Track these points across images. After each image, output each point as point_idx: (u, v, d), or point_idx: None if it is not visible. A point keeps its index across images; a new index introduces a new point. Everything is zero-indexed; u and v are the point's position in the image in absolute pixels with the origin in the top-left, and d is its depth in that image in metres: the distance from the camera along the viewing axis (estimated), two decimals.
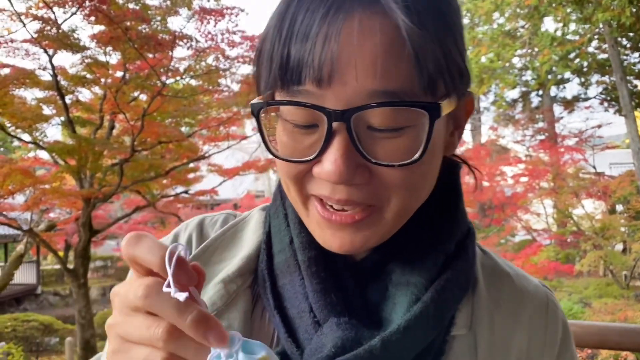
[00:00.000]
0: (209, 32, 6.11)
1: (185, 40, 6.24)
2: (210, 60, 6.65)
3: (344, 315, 0.57)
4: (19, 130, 7.88)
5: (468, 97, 0.61)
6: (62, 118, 8.10)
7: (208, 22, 6.00)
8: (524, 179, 14.19)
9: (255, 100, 0.56)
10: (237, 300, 0.64)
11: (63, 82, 7.52)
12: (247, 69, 7.06)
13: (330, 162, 0.51)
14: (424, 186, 0.57)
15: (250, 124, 11.57)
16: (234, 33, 6.28)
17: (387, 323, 0.57)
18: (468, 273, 0.63)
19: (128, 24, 5.77)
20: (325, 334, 0.56)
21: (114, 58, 7.60)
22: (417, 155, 0.52)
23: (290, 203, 0.63)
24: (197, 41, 6.29)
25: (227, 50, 6.55)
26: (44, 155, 9.87)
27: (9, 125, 7.61)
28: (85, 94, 8.50)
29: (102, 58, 7.50)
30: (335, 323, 0.56)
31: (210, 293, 0.63)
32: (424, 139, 0.52)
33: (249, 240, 0.68)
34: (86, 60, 6.99)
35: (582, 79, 18.15)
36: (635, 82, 17.20)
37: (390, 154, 0.52)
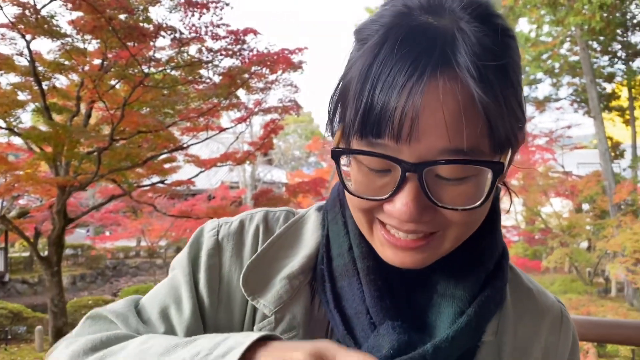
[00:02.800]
0: (193, 25, 6.12)
1: (169, 32, 6.23)
2: (192, 51, 6.67)
3: (396, 319, 0.64)
4: None
5: (521, 131, 0.64)
6: (38, 104, 7.99)
7: (193, 15, 6.01)
8: None
9: (336, 147, 0.61)
10: (300, 295, 0.71)
11: (40, 69, 7.42)
12: (229, 62, 7.06)
13: (402, 204, 0.57)
14: (480, 220, 0.64)
15: (227, 116, 11.52)
16: (218, 26, 6.30)
17: (432, 329, 0.65)
18: (502, 291, 0.70)
19: (110, 12, 5.73)
20: (381, 335, 0.63)
21: (92, 45, 7.53)
22: (478, 203, 0.58)
23: (350, 214, 0.69)
24: (181, 33, 6.28)
25: (211, 43, 6.58)
26: (16, 141, 9.71)
27: None
28: (61, 81, 8.40)
29: (80, 45, 7.42)
30: (390, 326, 0.63)
31: (277, 287, 0.70)
32: (486, 189, 0.58)
33: (309, 240, 0.75)
34: (66, 47, 6.91)
35: (554, 80, 18.53)
36: (604, 84, 17.65)
37: (454, 198, 0.58)
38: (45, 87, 7.67)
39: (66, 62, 7.47)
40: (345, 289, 0.68)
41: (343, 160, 0.62)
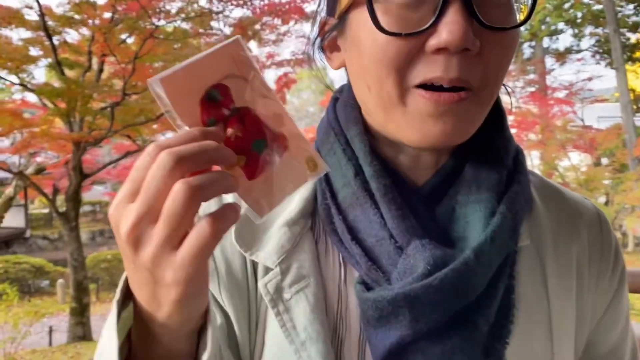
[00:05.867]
0: None
1: None
2: (202, 2, 6.51)
3: (424, 237, 0.58)
4: (4, 72, 7.73)
5: None
6: (50, 60, 7.93)
7: None
8: (512, 130, 14.24)
9: None
10: (303, 242, 0.65)
11: (50, 23, 7.32)
12: (240, 12, 6.92)
13: (451, 25, 0.51)
14: (505, 73, 0.59)
15: None
16: None
17: (463, 240, 0.59)
18: (528, 186, 0.66)
19: None
20: (411, 256, 0.57)
21: None
22: (524, 18, 0.56)
23: (352, 135, 0.64)
24: None
25: None
26: (30, 98, 9.71)
27: None
28: (72, 35, 8.30)
29: None
30: (419, 244, 0.57)
31: (277, 236, 0.64)
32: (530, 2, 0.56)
33: None
34: (75, 0, 6.80)
35: (576, 30, 17.99)
36: (629, 34, 17.10)
37: (499, 19, 0.54)
38: (56, 42, 7.58)
39: (76, 16, 7.36)
40: (360, 218, 0.61)
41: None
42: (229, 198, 0.68)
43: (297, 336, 0.60)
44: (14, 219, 16.65)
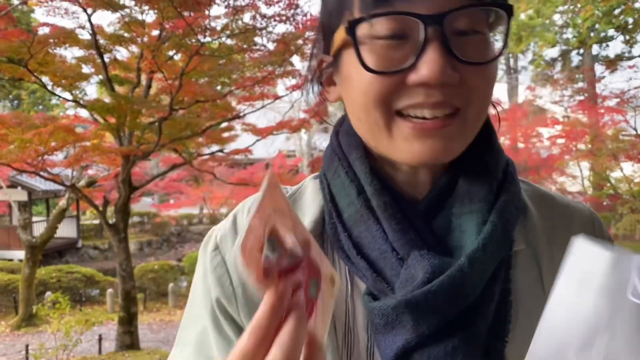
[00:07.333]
0: None
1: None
2: (246, 18, 6.66)
3: (423, 248, 0.63)
4: (59, 89, 8.08)
5: None
6: (101, 77, 8.24)
7: None
8: (560, 141, 13.88)
9: (352, 19, 0.60)
10: None
11: (101, 41, 7.62)
12: (283, 28, 7.01)
13: (430, 63, 0.57)
14: (490, 96, 0.64)
15: (282, 84, 11.53)
16: None
17: (460, 249, 0.64)
18: (519, 195, 0.70)
19: None
20: (412, 266, 0.62)
21: (150, 16, 7.65)
22: (498, 52, 0.61)
23: (354, 159, 0.69)
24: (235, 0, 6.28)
25: (264, 8, 6.54)
26: (83, 113, 10.11)
27: (49, 83, 7.80)
28: (122, 53, 8.62)
29: (138, 17, 7.56)
30: (419, 255, 0.62)
31: None
32: (504, 36, 0.62)
33: (310, 206, 0.74)
34: (125, 19, 7.05)
35: (627, 37, 17.43)
36: None
37: (475, 53, 0.59)
38: (107, 60, 7.88)
39: (126, 34, 7.64)
40: (364, 234, 0.66)
41: (360, 32, 0.60)
42: None
43: None
44: (66, 230, 17.29)
